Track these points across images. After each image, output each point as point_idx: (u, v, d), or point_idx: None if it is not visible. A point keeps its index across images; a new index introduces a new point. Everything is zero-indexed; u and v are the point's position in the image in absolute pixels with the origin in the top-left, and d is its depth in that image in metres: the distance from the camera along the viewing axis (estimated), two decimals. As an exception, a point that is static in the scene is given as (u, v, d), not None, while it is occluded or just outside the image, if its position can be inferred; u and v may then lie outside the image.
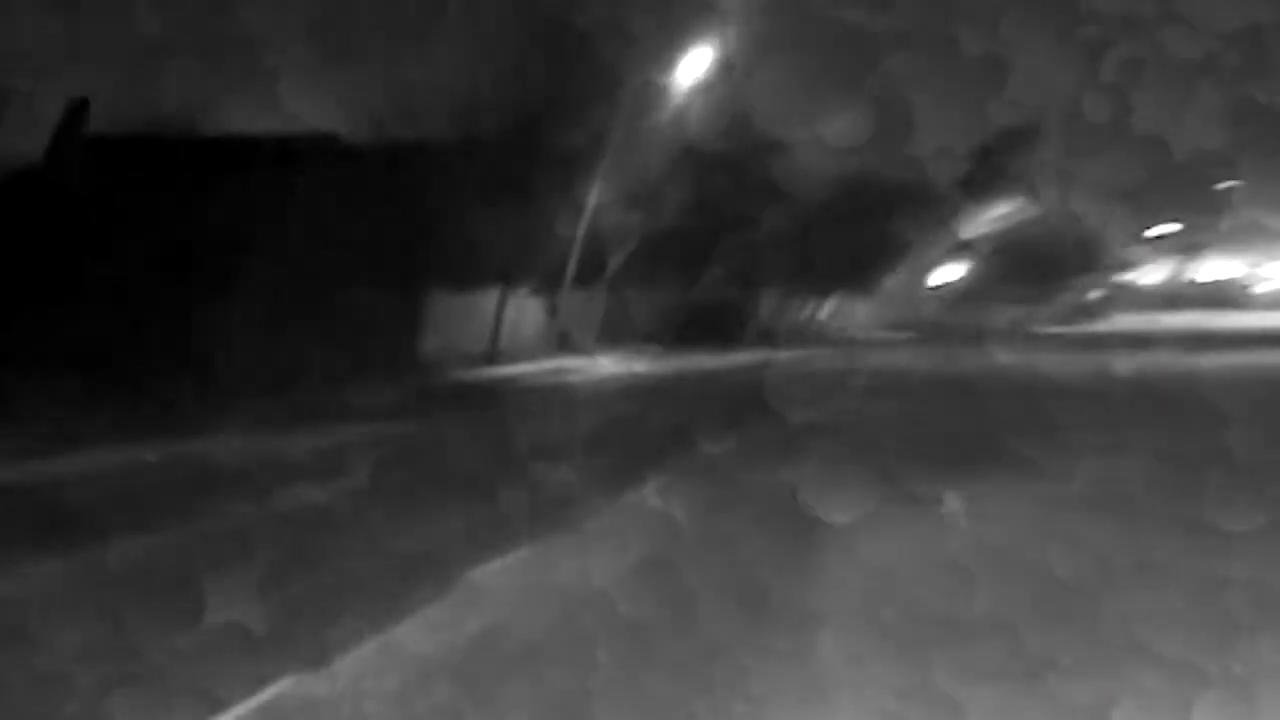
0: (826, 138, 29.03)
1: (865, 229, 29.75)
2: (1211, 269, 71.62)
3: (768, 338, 30.27)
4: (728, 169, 24.66)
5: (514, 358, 21.06)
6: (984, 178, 34.57)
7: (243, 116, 19.13)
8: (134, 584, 5.24)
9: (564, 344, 23.11)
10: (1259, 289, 69.67)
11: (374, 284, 17.52)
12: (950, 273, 41.73)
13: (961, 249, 38.26)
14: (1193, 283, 68.23)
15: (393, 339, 18.58)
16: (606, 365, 20.97)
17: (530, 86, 19.40)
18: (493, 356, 20.99)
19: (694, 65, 21.48)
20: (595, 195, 20.95)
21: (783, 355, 24.42)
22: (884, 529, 6.24)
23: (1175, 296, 63.82)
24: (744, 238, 28.50)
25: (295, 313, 16.14)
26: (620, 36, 20.45)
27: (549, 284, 22.68)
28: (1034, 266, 44.48)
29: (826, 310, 35.55)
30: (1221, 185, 51.95)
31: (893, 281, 36.85)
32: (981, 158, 34.32)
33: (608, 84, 20.43)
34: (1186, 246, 63.66)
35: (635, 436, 11.00)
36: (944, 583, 5.12)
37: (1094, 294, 59.36)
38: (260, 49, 19.84)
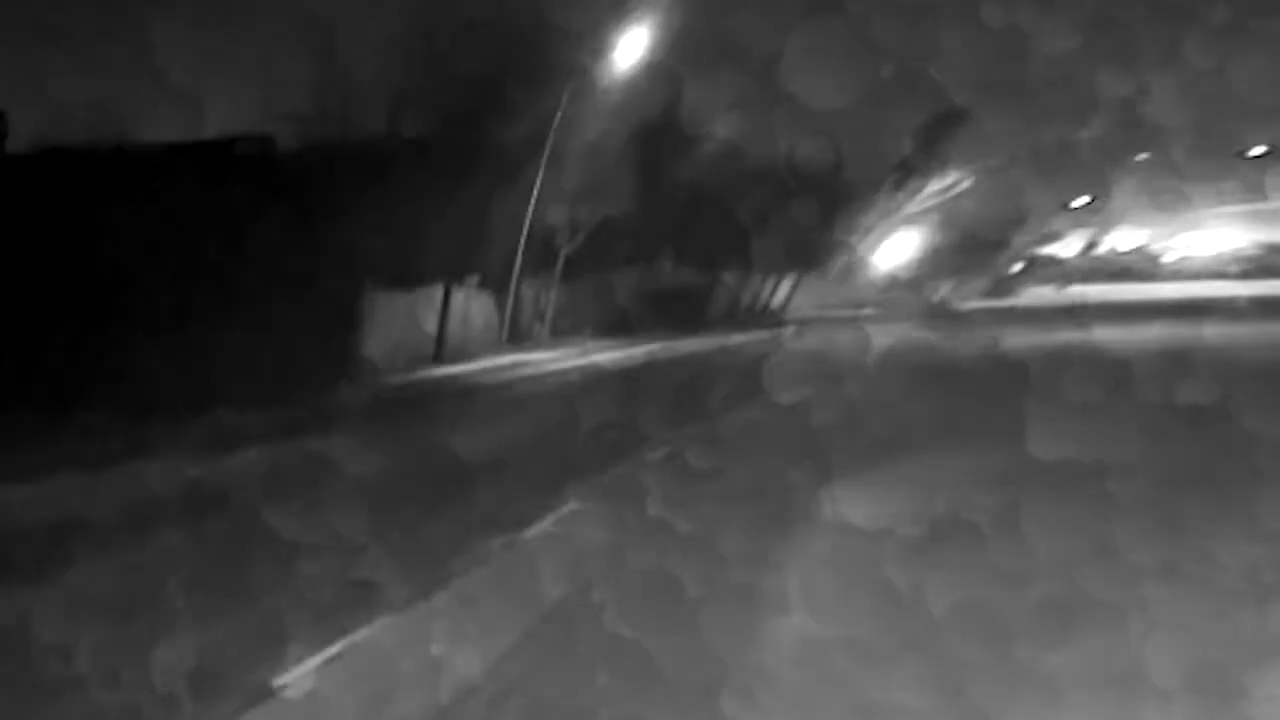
0: (768, 122, 28.49)
1: (813, 209, 29.41)
2: (1125, 239, 74.34)
3: (727, 321, 29.62)
4: (673, 154, 23.89)
5: (463, 356, 19.90)
6: (921, 157, 34.64)
7: (168, 123, 17.87)
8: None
9: (516, 338, 22.00)
10: (1166, 259, 72.29)
11: (311, 288, 16.67)
12: (899, 249, 41.89)
13: (905, 225, 38.32)
14: (1112, 253, 70.49)
15: (332, 345, 17.39)
16: (559, 358, 19.91)
17: (465, 79, 18.69)
18: (440, 356, 19.82)
19: (631, 51, 20.58)
20: (539, 186, 19.93)
21: (738, 339, 23.70)
22: (820, 565, 5.36)
23: (1091, 268, 65.39)
24: (695, 222, 27.90)
25: (225, 324, 15.08)
26: (555, 25, 19.54)
27: (498, 278, 21.56)
28: (967, 241, 45.15)
29: (784, 291, 35.15)
30: (1138, 157, 53.40)
31: (844, 261, 36.57)
32: (918, 137, 34.38)
33: (544, 74, 19.72)
34: (1102, 218, 65.38)
35: (559, 450, 9.60)
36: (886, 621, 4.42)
37: (1017, 267, 60.66)
38: (181, 53, 18.31)
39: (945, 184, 36.47)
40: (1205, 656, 3.78)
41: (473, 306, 21.29)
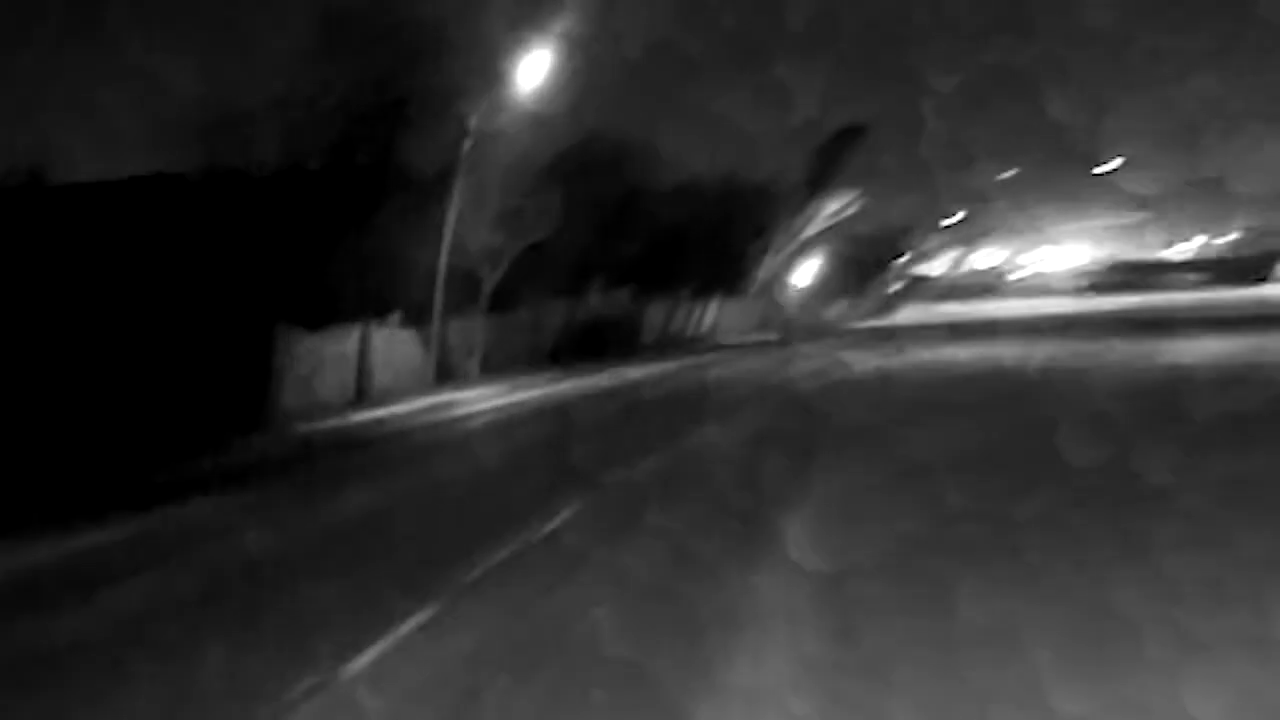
0: (678, 144, 28.17)
1: (728, 230, 29.16)
2: (986, 257, 78.32)
3: (656, 348, 28.70)
4: (592, 178, 22.99)
5: (387, 398, 18.14)
6: (823, 175, 35.05)
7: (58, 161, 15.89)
8: None
9: (446, 376, 20.36)
10: (1011, 277, 75.88)
11: (219, 332, 15.18)
12: (807, 271, 42.27)
13: (811, 247, 38.65)
14: (973, 271, 73.87)
15: (243, 392, 15.50)
16: (487, 395, 18.37)
17: (367, 107, 17.47)
18: (362, 399, 18.03)
19: (537, 75, 19.62)
20: (453, 215, 18.59)
21: (658, 369, 22.31)
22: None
23: (954, 286, 67.44)
24: (620, 248, 27.07)
25: (129, 372, 13.29)
26: (458, 46, 18.46)
27: (421, 314, 19.92)
28: (858, 262, 46.25)
29: (709, 316, 34.62)
30: (1001, 176, 56.48)
31: (760, 283, 36.38)
32: (820, 156, 34.81)
33: (450, 97, 18.66)
34: (967, 236, 68.50)
35: (454, 522, 7.86)
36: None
37: (897, 287, 62.41)
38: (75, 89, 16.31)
39: (839, 205, 36.99)
40: None
41: (397, 345, 19.53)
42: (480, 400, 17.64)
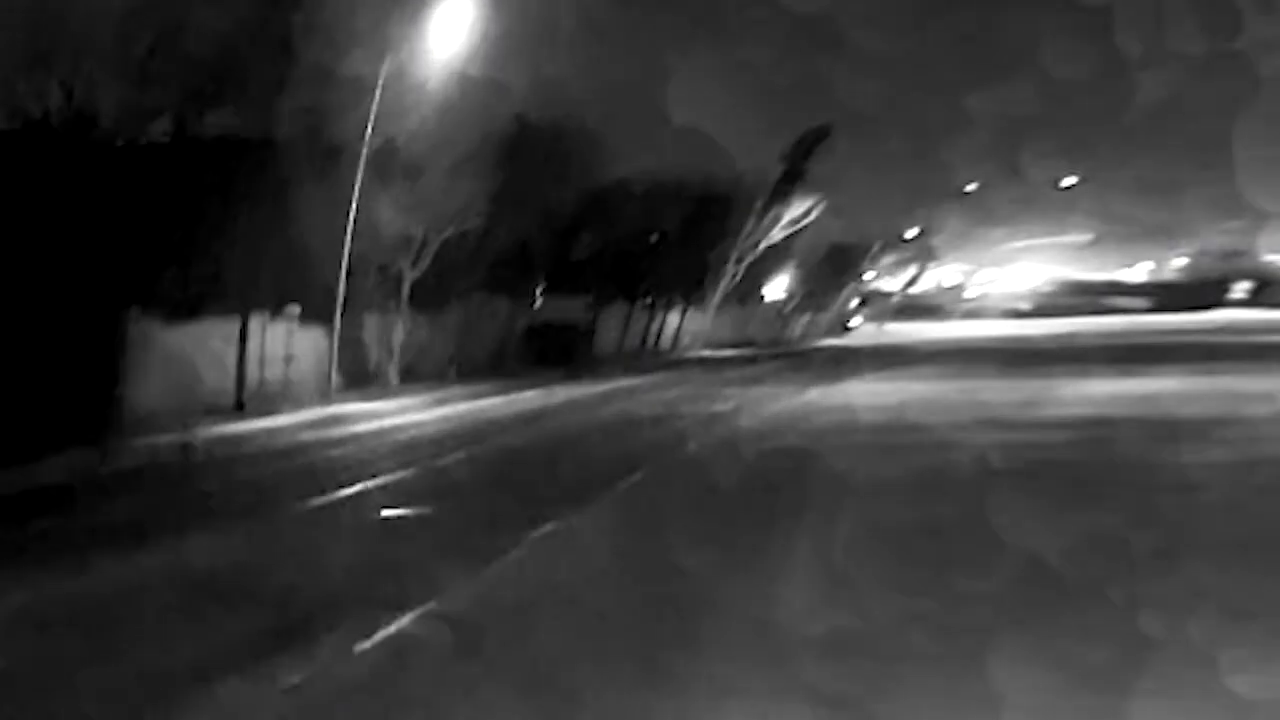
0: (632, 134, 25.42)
1: (693, 234, 26.47)
2: (940, 274, 76.11)
3: (611, 361, 25.62)
4: (528, 164, 20.01)
5: (274, 405, 14.89)
6: (788, 180, 32.60)
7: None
8: None
9: (358, 382, 17.17)
10: (968, 294, 73.49)
11: (65, 320, 12.08)
12: (765, 283, 39.49)
13: (776, 255, 36.01)
14: (927, 290, 70.99)
15: (89, 392, 12.26)
16: (391, 411, 15.08)
17: (254, 70, 14.65)
18: (241, 407, 14.79)
19: (458, 29, 16.32)
20: (357, 197, 15.38)
21: (604, 389, 18.60)
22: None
23: (908, 305, 64.86)
24: (566, 247, 24.16)
25: None
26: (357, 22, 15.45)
27: (324, 309, 16.72)
28: (819, 272, 43.91)
29: (670, 327, 31.71)
30: (967, 187, 54.75)
31: (723, 293, 33.46)
32: (786, 160, 32.41)
33: (344, 49, 15.47)
34: (924, 252, 65.69)
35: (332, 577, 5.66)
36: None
37: (854, 303, 59.87)
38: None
39: (800, 212, 34.34)
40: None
41: (298, 344, 16.26)
42: (378, 416, 14.35)
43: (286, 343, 15.99)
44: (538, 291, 23.35)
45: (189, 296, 14.01)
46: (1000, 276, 78.25)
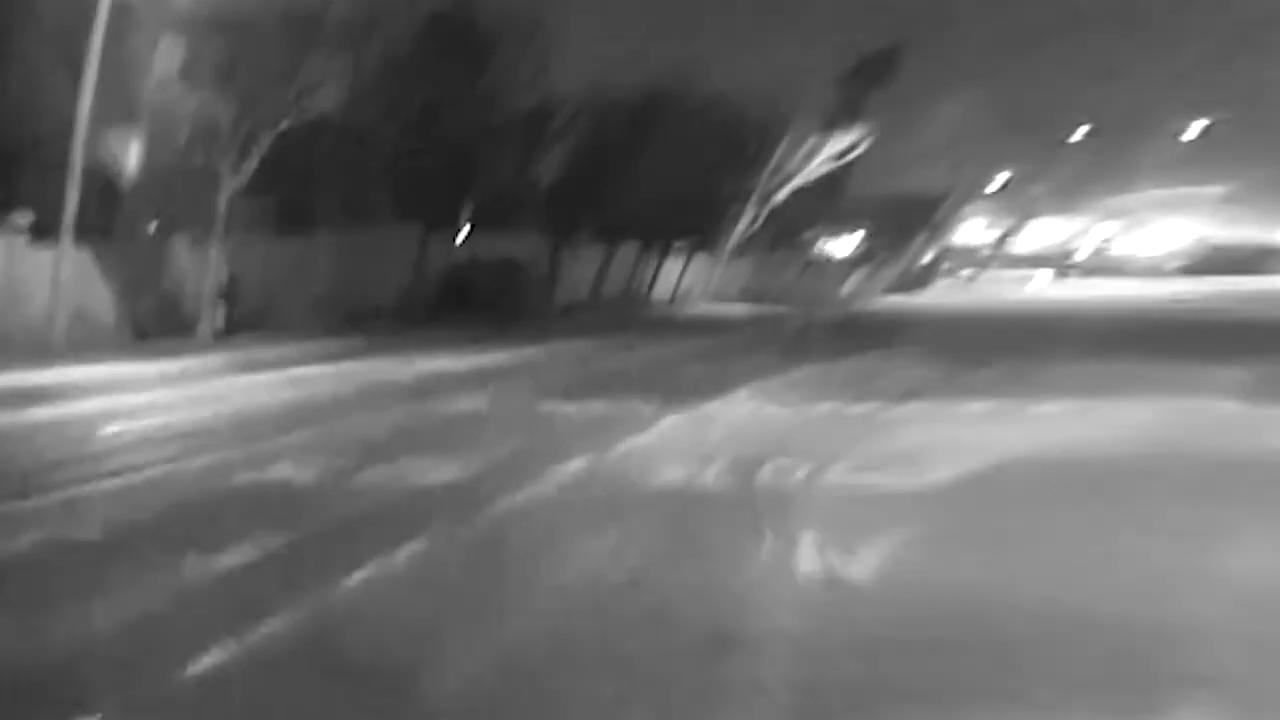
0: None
1: (700, 159, 20.48)
2: (1047, 229, 67.33)
3: (579, 313, 19.98)
4: (433, 34, 14.34)
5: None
6: (841, 110, 25.97)
7: None
8: None
9: (160, 332, 12.25)
10: (1079, 256, 65.66)
11: None
12: (800, 224, 32.62)
13: (831, 200, 29.35)
14: (1030, 242, 63.45)
15: None
16: (128, 382, 9.77)
17: None
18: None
19: None
20: (93, 70, 10.02)
21: (538, 353, 12.75)
22: None
23: (1007, 259, 57.78)
24: (511, 162, 18.60)
25: None
26: None
27: (99, 224, 11.70)
28: (877, 217, 37.35)
29: (671, 276, 25.89)
30: (1076, 134, 46.20)
31: (739, 235, 26.93)
32: (840, 88, 25.87)
33: None
34: (1024, 202, 57.85)
35: None
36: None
37: (928, 256, 52.55)
38: None
39: (843, 146, 27.10)
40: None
41: (20, 269, 11.31)
42: (87, 394, 9.07)
43: (3, 268, 11.06)
44: (463, 218, 17.74)
45: None
46: (1126, 233, 68.91)
